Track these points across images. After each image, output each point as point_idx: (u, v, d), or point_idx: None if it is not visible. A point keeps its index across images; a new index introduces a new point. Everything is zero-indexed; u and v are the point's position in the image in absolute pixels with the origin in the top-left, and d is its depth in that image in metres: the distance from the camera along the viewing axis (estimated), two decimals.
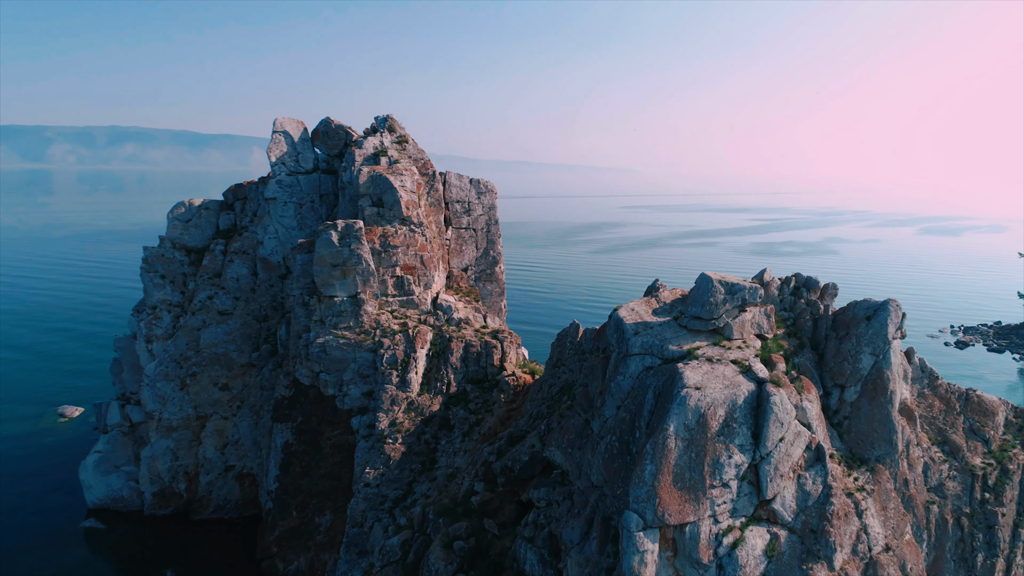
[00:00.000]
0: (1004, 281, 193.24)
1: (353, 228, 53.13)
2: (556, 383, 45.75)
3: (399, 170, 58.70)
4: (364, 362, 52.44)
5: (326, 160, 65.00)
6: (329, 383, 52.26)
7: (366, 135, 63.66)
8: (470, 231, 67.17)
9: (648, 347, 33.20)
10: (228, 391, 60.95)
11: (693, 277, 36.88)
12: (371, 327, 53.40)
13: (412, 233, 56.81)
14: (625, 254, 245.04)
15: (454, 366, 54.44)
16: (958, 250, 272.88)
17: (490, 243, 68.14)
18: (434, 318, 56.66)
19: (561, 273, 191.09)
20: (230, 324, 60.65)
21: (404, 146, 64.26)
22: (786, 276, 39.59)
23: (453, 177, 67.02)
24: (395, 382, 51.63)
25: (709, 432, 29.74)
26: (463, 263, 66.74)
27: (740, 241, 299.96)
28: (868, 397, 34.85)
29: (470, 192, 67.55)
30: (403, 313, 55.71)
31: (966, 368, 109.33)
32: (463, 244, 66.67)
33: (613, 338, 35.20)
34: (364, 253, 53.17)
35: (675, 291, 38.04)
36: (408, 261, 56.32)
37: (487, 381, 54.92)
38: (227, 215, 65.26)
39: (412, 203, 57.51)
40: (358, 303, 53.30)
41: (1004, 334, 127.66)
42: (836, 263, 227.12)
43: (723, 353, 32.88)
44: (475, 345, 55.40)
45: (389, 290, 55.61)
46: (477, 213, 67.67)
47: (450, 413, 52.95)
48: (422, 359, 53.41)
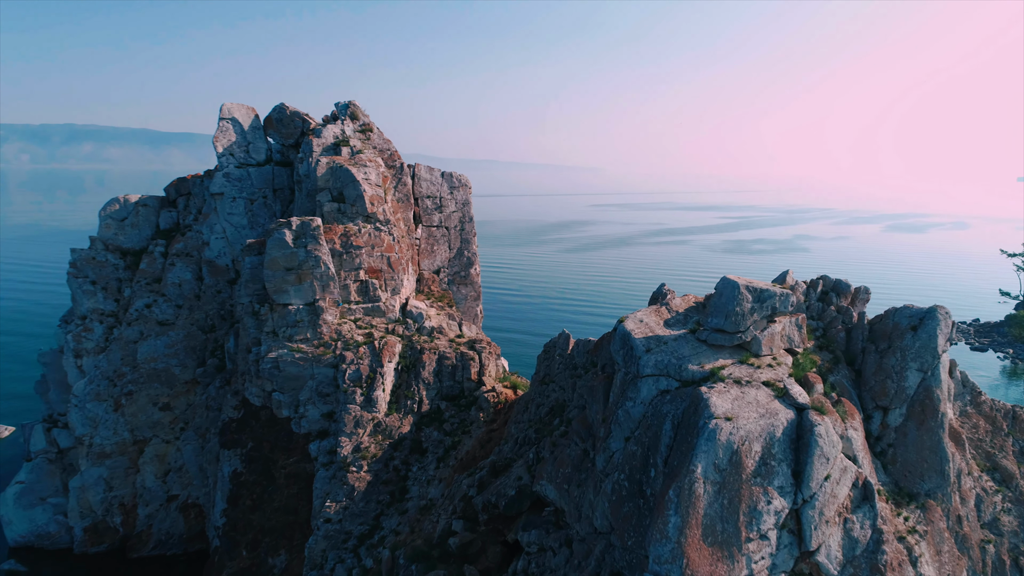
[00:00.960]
0: (976, 278, 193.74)
1: (310, 226, 46.68)
2: (545, 402, 39.99)
3: (362, 161, 52.34)
4: (323, 379, 46.05)
5: (280, 151, 58.29)
6: (283, 403, 45.75)
7: (325, 123, 57.14)
8: (442, 229, 61.09)
9: (663, 367, 27.65)
10: (170, 411, 53.93)
11: (669, 276, 32.15)
12: (331, 339, 47.02)
13: (377, 232, 50.53)
14: (597, 253, 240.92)
15: (426, 381, 48.36)
16: (926, 247, 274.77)
17: (464, 242, 62.14)
18: (403, 327, 50.49)
19: (534, 273, 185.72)
20: (171, 336, 53.62)
21: (368, 135, 57.89)
22: (811, 279, 34.47)
23: (423, 170, 60.86)
24: (359, 401, 45.37)
25: (744, 473, 24.33)
26: (435, 264, 60.63)
27: (711, 239, 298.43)
28: (916, 421, 29.81)
29: (442, 186, 61.45)
30: (368, 322, 49.41)
31: None
32: (434, 244, 60.56)
33: (619, 355, 29.55)
34: (322, 255, 46.76)
35: (687, 298, 32.56)
36: (373, 263, 50.04)
37: (464, 398, 48.96)
38: (168, 213, 58.13)
39: (377, 198, 51.23)
40: (316, 312, 46.87)
41: (985, 332, 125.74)
42: (809, 261, 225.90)
43: (752, 373, 27.49)
44: (450, 357, 49.39)
45: (352, 296, 49.27)
46: (450, 209, 61.62)
47: (422, 435, 46.87)
48: (390, 374, 47.23)
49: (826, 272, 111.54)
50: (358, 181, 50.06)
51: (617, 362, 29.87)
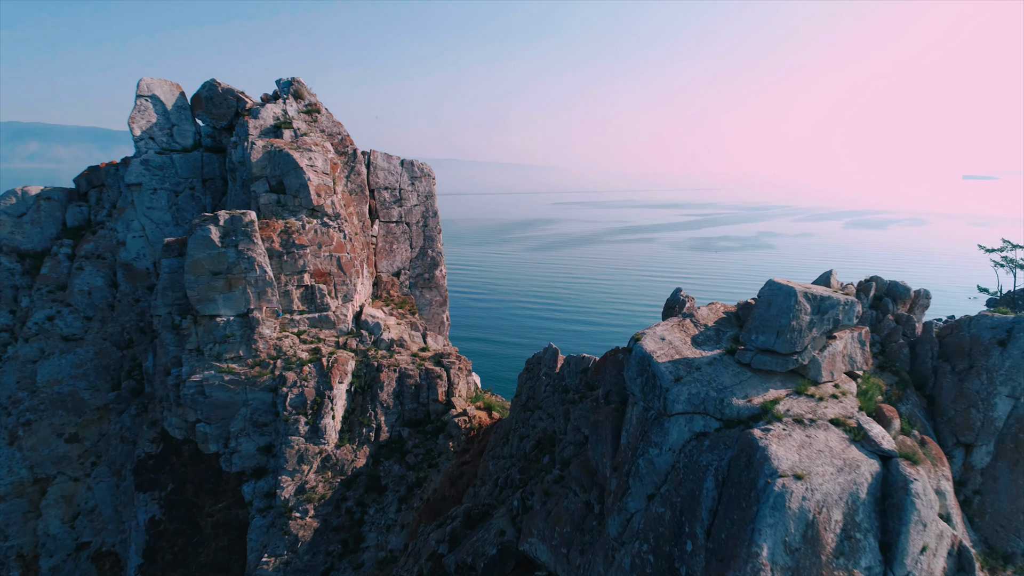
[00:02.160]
0: (944, 274, 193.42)
1: (241, 222, 38.76)
2: (530, 434, 32.90)
3: (307, 145, 44.49)
4: (260, 405, 38.21)
5: (211, 134, 49.95)
6: (210, 436, 37.76)
7: (264, 102, 49.03)
8: (402, 225, 53.51)
9: (699, 401, 20.85)
10: (78, 444, 45.27)
11: (641, 275, 26.76)
12: (269, 357, 39.18)
13: (325, 228, 42.81)
14: (563, 251, 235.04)
15: (385, 405, 40.86)
16: (889, 243, 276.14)
17: (428, 240, 54.67)
18: (357, 340, 42.87)
19: (502, 274, 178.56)
20: (79, 353, 45.00)
21: (315, 117, 49.98)
22: (860, 281, 28.15)
23: (380, 158, 53.17)
24: (303, 431, 37.67)
25: (824, 553, 17.76)
26: (394, 266, 53.02)
27: (677, 237, 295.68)
28: (1008, 461, 23.57)
29: (401, 176, 53.86)
30: (315, 335, 41.67)
31: None
32: (394, 242, 52.95)
33: (636, 384, 22.63)
34: (258, 255, 38.90)
35: (714, 307, 25.82)
36: (320, 265, 42.31)
37: (430, 423, 41.60)
38: (78, 208, 49.32)
39: (325, 188, 43.48)
40: (250, 324, 38.98)
41: None
42: (777, 258, 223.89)
43: (815, 407, 20.87)
44: (413, 375, 41.99)
45: (295, 305, 41.46)
46: (411, 203, 54.07)
47: (381, 469, 39.38)
48: (341, 397, 39.61)
49: (796, 269, 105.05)
50: (301, 168, 42.26)
51: (632, 393, 22.97)
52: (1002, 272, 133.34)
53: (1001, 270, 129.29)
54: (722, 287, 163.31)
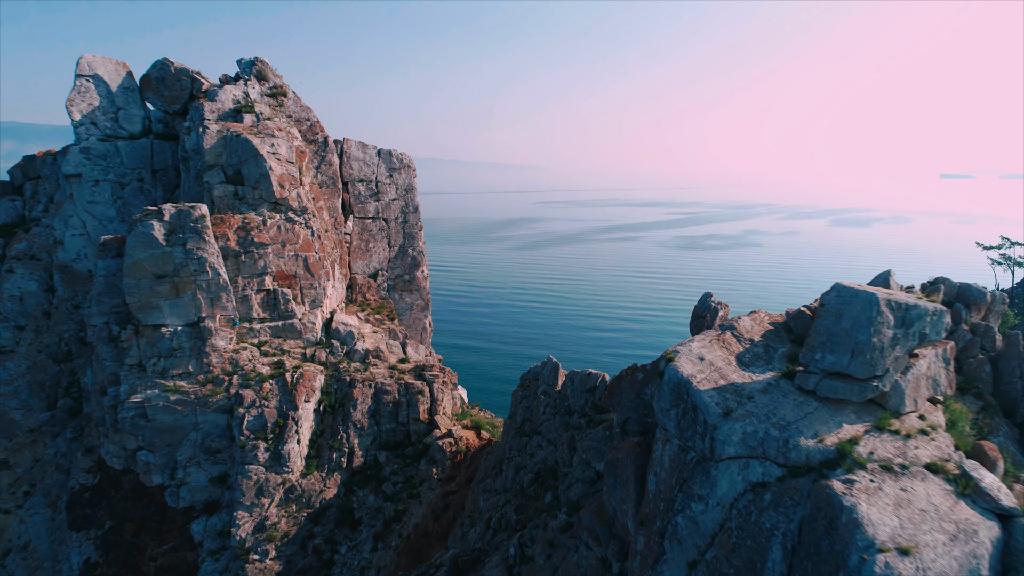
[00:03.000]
0: (936, 271, 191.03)
1: (190, 216, 33.52)
2: (527, 464, 28.02)
3: (269, 130, 39.28)
4: (212, 429, 33.01)
5: (163, 119, 44.55)
6: (153, 466, 32.50)
7: (223, 84, 43.71)
8: (379, 222, 48.40)
9: (757, 442, 16.12)
10: (9, 471, 39.77)
11: (632, 274, 22.23)
12: (224, 372, 33.97)
13: (290, 224, 37.65)
14: (549, 250, 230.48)
15: (359, 425, 35.81)
16: (875, 242, 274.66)
17: (408, 238, 49.60)
18: (327, 352, 37.75)
19: (487, 274, 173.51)
20: (9, 368, 39.49)
21: (281, 101, 44.72)
22: (923, 283, 23.61)
23: (354, 147, 48.03)
24: (263, 459, 32.54)
25: None
26: (371, 267, 47.91)
27: (662, 235, 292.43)
28: None
29: (378, 168, 48.74)
30: (277, 346, 36.51)
31: None
32: (370, 240, 47.84)
33: (670, 417, 17.89)
34: (210, 255, 33.68)
35: (758, 316, 21.07)
36: (284, 266, 37.15)
37: (410, 446, 36.61)
38: (11, 203, 43.72)
39: (290, 179, 38.32)
40: (201, 335, 33.75)
41: None
42: (765, 256, 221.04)
43: (904, 448, 16.20)
44: (390, 391, 36.97)
45: (254, 312, 36.26)
46: (389, 197, 48.96)
47: (354, 500, 34.33)
48: (308, 418, 34.51)
49: (785, 269, 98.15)
50: (262, 156, 37.05)
51: (663, 427, 18.18)
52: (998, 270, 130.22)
53: (998, 268, 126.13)
54: (717, 287, 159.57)
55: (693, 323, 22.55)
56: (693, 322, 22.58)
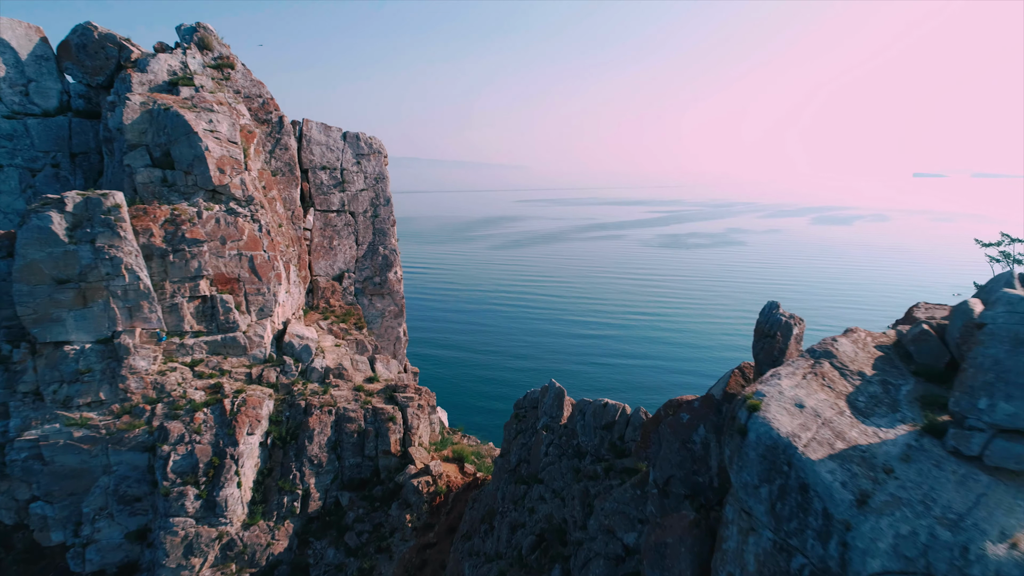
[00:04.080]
0: (925, 270, 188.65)
1: (101, 206, 26.88)
2: (527, 521, 21.83)
3: (207, 104, 32.66)
4: (129, 473, 26.44)
5: (85, 94, 37.69)
6: (52, 521, 25.83)
7: (156, 52, 36.98)
8: (345, 216, 41.96)
9: (916, 551, 9.91)
10: None
11: (613, 272, 18.97)
12: (145, 400, 27.39)
13: (232, 216, 31.11)
14: (530, 249, 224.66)
15: (316, 461, 29.41)
16: (860, 239, 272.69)
17: (379, 234, 43.19)
18: (278, 371, 31.27)
19: (468, 274, 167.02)
20: None
21: (227, 74, 38.09)
22: None
23: (315, 129, 41.53)
24: (194, 508, 26.03)
25: None
26: (335, 267, 41.46)
27: (645, 233, 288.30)
28: None
29: (344, 153, 42.28)
30: (215, 366, 29.94)
31: None
32: (334, 237, 41.38)
33: (759, 498, 11.70)
34: (127, 255, 27.07)
35: (856, 336, 15.13)
36: (225, 268, 30.61)
37: (379, 485, 30.26)
38: None
39: (232, 162, 31.75)
40: (116, 354, 27.14)
41: None
42: (749, 255, 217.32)
43: None
44: (355, 417, 30.60)
45: (187, 324, 29.66)
46: (356, 187, 42.53)
47: (309, 555, 27.93)
48: (252, 455, 28.05)
49: (770, 268, 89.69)
50: (196, 134, 30.45)
51: (748, 510, 12.14)
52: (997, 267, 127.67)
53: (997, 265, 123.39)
54: (713, 286, 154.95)
55: (757, 345, 16.54)
56: (757, 343, 16.57)
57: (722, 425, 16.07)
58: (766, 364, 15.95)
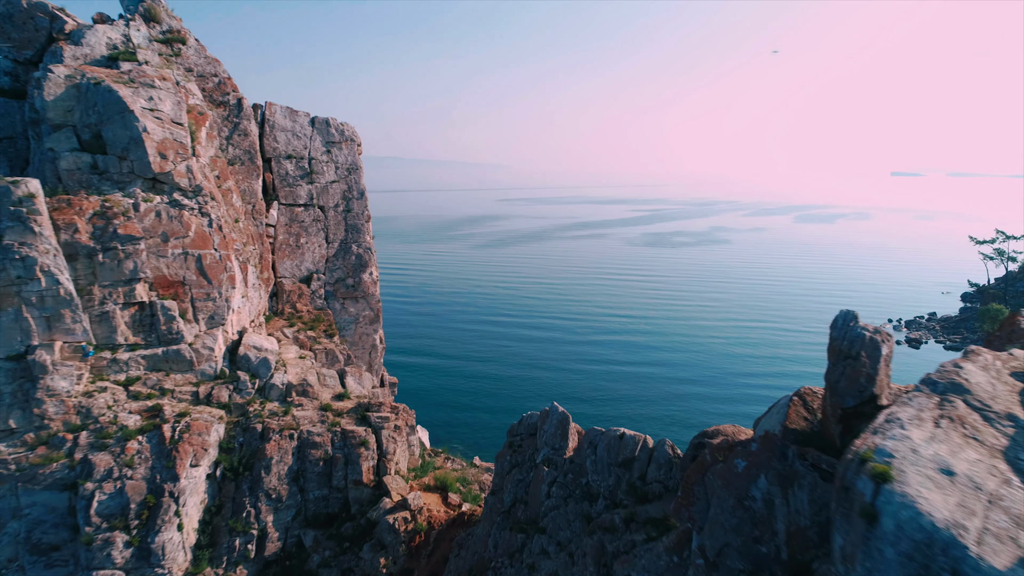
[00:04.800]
0: (910, 267, 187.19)
1: (10, 196, 22.45)
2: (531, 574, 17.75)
3: (147, 79, 28.21)
4: (45, 516, 22.00)
5: (11, 71, 32.97)
6: None
7: (95, 23, 32.41)
8: (314, 210, 37.63)
9: None
10: None
11: (598, 270, 13.77)
12: (67, 427, 22.97)
13: (176, 209, 26.72)
14: (513, 248, 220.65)
15: (275, 495, 25.14)
16: (844, 238, 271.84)
17: (352, 231, 38.90)
18: (231, 389, 26.94)
19: (450, 274, 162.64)
20: None
21: (177, 49, 33.61)
22: None
23: (279, 113, 37.16)
24: (123, 558, 21.68)
25: None
26: (303, 268, 37.13)
27: (629, 232, 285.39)
28: None
29: (312, 141, 37.95)
30: (155, 385, 25.55)
31: None
32: (301, 234, 37.04)
33: None
34: (42, 254, 22.63)
35: (982, 359, 11.19)
36: (168, 269, 26.22)
37: (349, 521, 26.03)
38: None
39: (176, 147, 27.34)
40: (30, 372, 22.69)
41: (953, 328, 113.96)
42: (735, 253, 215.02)
43: None
44: (321, 443, 26.37)
45: (120, 335, 25.23)
46: (326, 178, 38.21)
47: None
48: (197, 490, 23.71)
49: (756, 266, 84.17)
50: (132, 112, 26.02)
51: None
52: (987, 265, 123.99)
53: (991, 263, 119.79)
54: (703, 286, 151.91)
55: (835, 369, 12.60)
56: (835, 367, 12.63)
57: (790, 475, 12.15)
58: (850, 395, 12.04)
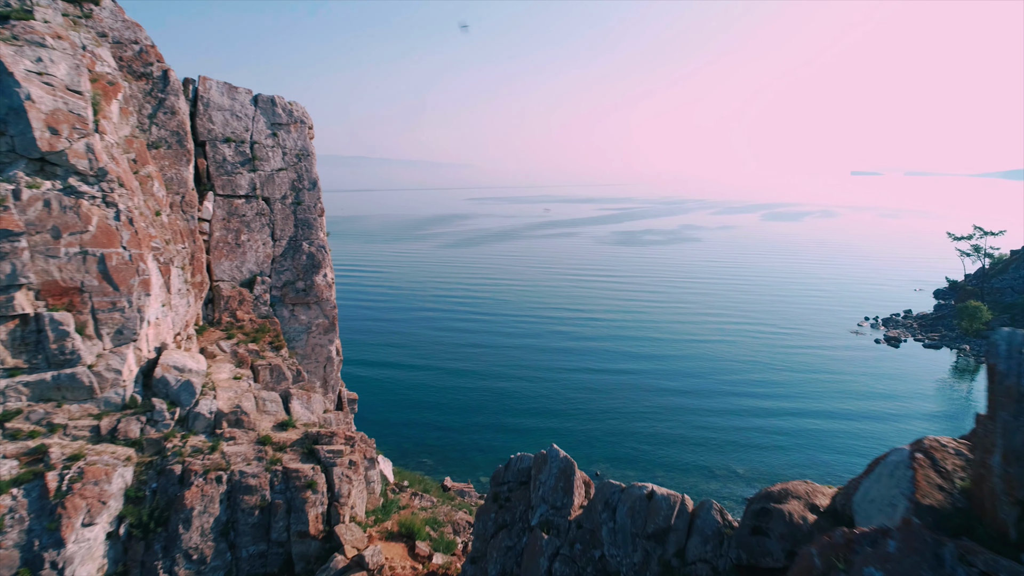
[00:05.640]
0: (880, 266, 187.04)
1: None
2: None
3: (35, 35, 22.78)
4: None
5: None
6: None
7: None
8: (257, 202, 32.39)
9: None
10: None
11: (575, 270, 15.36)
12: None
13: (72, 198, 21.40)
14: (483, 247, 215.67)
15: (195, 555, 20.01)
16: (812, 236, 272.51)
17: (303, 227, 33.73)
18: (143, 421, 21.69)
19: (415, 274, 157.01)
20: None
21: (88, 11, 28.12)
22: None
23: (215, 89, 31.84)
24: None
25: None
26: (243, 269, 31.87)
27: (600, 231, 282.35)
28: None
29: (255, 122, 32.71)
30: (42, 419, 20.20)
31: (925, 371, 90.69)
32: (242, 230, 31.77)
33: None
34: None
35: None
36: (61, 273, 20.90)
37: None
38: None
39: (71, 120, 21.99)
40: None
41: (930, 326, 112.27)
42: (707, 251, 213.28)
43: None
44: (257, 486, 21.29)
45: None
46: (272, 165, 33.00)
47: None
48: (91, 555, 18.51)
49: (729, 265, 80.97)
50: (12, 76, 20.65)
51: None
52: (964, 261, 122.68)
53: (967, 259, 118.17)
54: (663, 284, 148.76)
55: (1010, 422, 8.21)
56: (1010, 416, 8.25)
57: None
58: None
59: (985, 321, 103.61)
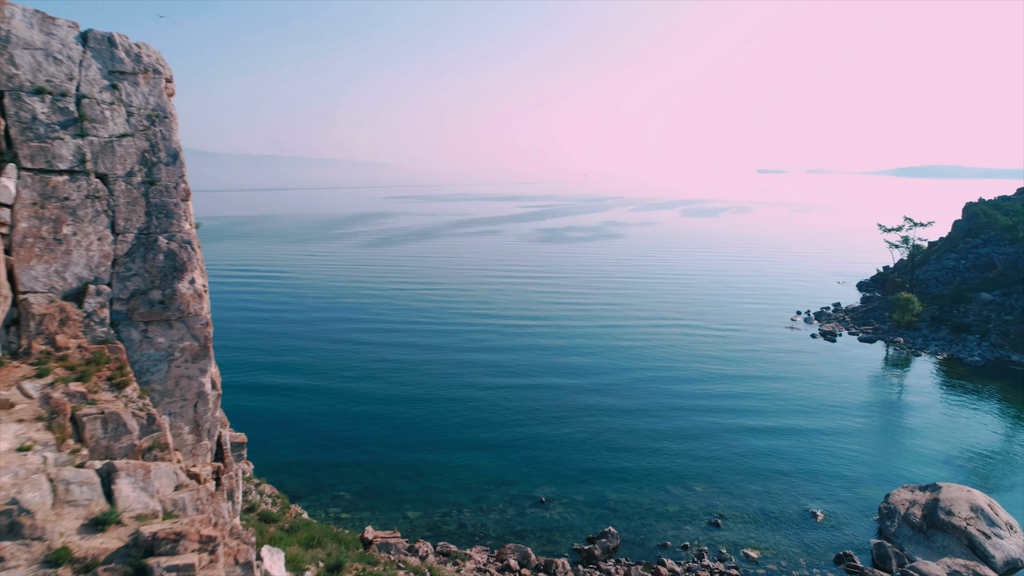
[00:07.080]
0: (800, 260, 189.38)
1: None
2: None
3: None
4: None
5: None
6: None
7: None
8: (87, 180, 23.01)
9: None
10: None
11: (501, 269, 5.65)
12: None
13: None
14: (402, 246, 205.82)
15: None
16: (730, 231, 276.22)
17: (158, 215, 24.52)
18: None
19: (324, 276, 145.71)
20: None
21: None
22: None
23: (20, 19, 22.25)
24: None
25: None
26: (67, 277, 22.46)
27: (522, 228, 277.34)
28: None
29: (85, 68, 23.30)
30: None
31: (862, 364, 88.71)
32: (64, 219, 22.37)
33: None
34: None
35: None
36: None
37: None
38: None
39: None
40: None
41: (862, 319, 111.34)
42: (631, 247, 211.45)
43: None
44: None
45: None
46: (112, 130, 23.68)
47: None
48: None
49: (653, 261, 73.39)
50: None
51: None
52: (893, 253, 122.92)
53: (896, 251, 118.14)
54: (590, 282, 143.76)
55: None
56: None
57: None
58: None
59: (916, 313, 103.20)
